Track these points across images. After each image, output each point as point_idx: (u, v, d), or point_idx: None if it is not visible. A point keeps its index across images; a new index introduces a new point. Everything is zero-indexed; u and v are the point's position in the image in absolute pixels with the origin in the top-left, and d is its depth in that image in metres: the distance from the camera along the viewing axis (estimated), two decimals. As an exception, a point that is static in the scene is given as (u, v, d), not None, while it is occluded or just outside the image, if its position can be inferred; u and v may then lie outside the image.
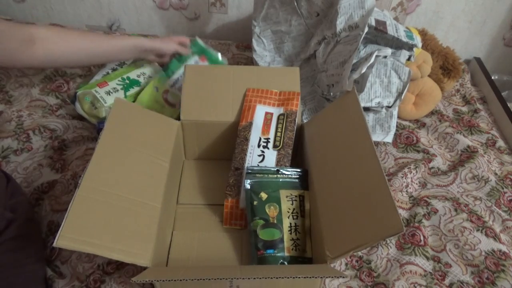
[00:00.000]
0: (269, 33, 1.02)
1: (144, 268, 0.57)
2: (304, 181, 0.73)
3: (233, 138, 0.79)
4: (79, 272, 0.66)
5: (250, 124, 0.78)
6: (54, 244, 0.50)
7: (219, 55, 0.98)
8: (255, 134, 0.77)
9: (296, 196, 0.70)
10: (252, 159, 0.75)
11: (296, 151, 0.79)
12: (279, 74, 0.84)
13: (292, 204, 0.69)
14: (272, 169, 0.72)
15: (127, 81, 0.94)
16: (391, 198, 0.53)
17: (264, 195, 0.69)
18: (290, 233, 0.67)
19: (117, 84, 0.93)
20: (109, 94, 0.90)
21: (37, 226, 0.71)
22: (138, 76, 0.97)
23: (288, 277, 0.53)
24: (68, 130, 0.89)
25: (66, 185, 0.77)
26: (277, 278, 0.52)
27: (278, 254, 0.65)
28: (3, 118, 0.89)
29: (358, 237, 0.54)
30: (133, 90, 0.94)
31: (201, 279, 0.52)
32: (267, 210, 0.68)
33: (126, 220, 0.59)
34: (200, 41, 0.98)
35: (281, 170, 0.72)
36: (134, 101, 0.94)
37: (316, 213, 0.65)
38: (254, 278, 0.52)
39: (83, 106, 0.89)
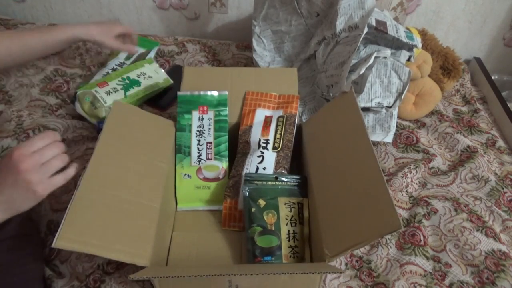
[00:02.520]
0: (269, 33, 1.02)
1: (144, 268, 0.57)
2: (303, 189, 0.72)
3: (232, 139, 0.79)
4: (79, 271, 0.66)
5: (250, 127, 0.78)
6: (53, 245, 0.50)
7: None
8: (255, 136, 0.77)
9: (294, 203, 0.70)
10: (251, 160, 0.74)
11: (295, 151, 0.79)
12: (277, 75, 0.85)
13: (290, 211, 0.69)
14: (271, 176, 0.72)
15: (127, 81, 0.94)
16: (389, 196, 0.53)
17: (262, 202, 0.68)
18: (288, 240, 0.66)
19: (117, 84, 0.92)
20: (109, 94, 0.89)
21: (35, 226, 0.71)
22: (138, 76, 0.96)
23: (285, 273, 0.52)
24: (68, 130, 0.89)
25: (65, 185, 0.77)
26: (274, 274, 0.52)
27: (276, 262, 0.64)
28: (3, 118, 0.89)
29: (356, 235, 0.54)
30: (133, 90, 0.93)
31: (199, 275, 0.52)
32: (265, 217, 0.67)
33: (125, 220, 0.59)
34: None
35: (280, 177, 0.72)
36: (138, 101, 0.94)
37: (315, 211, 0.65)
38: (252, 274, 0.52)
39: (83, 106, 0.89)
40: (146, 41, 1.17)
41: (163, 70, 1.01)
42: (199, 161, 0.77)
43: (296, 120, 0.79)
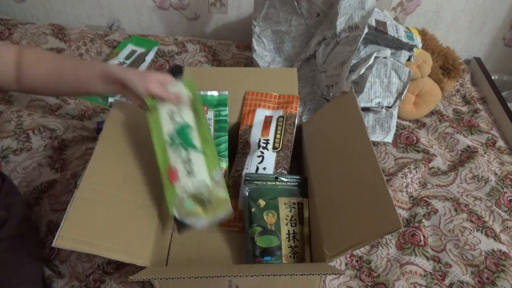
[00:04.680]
0: (269, 33, 1.02)
1: (144, 268, 0.57)
2: (303, 189, 0.72)
3: (232, 139, 0.79)
4: (79, 272, 0.66)
5: (250, 127, 0.78)
6: (53, 244, 0.50)
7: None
8: (255, 136, 0.77)
9: (294, 204, 0.70)
10: (251, 160, 0.74)
11: (295, 151, 0.79)
12: (277, 75, 0.84)
13: (290, 211, 0.69)
14: (271, 176, 0.72)
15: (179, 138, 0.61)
16: (389, 196, 0.53)
17: (262, 202, 0.68)
18: (288, 240, 0.66)
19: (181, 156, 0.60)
20: (190, 174, 0.59)
21: (33, 226, 0.71)
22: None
23: (285, 275, 0.52)
24: (67, 130, 0.89)
25: (65, 185, 0.77)
26: (274, 275, 0.52)
27: (276, 262, 0.64)
28: (3, 118, 0.89)
29: (356, 235, 0.54)
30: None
31: (199, 277, 0.52)
32: (265, 217, 0.67)
33: (125, 220, 0.59)
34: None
35: (280, 177, 0.72)
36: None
37: (315, 212, 0.65)
38: (252, 276, 0.52)
39: (196, 212, 0.60)
40: (146, 41, 1.17)
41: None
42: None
43: (296, 120, 0.79)
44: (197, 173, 0.59)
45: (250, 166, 0.74)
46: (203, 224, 0.60)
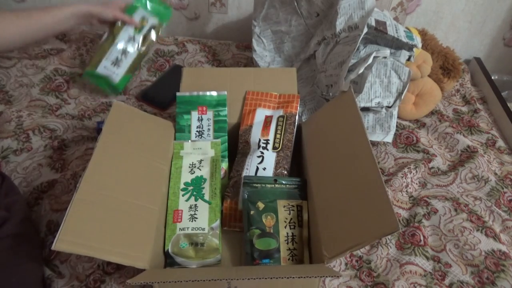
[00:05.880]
0: (269, 33, 1.02)
1: (143, 270, 0.57)
2: (303, 191, 0.72)
3: (231, 140, 0.79)
4: (79, 271, 0.66)
5: (250, 127, 0.78)
6: (53, 248, 0.50)
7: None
8: (255, 136, 0.77)
9: (293, 206, 0.69)
10: (251, 160, 0.74)
11: (295, 151, 0.79)
12: (276, 75, 0.85)
13: (289, 214, 0.69)
14: (270, 179, 0.72)
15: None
16: (387, 197, 0.53)
17: (261, 205, 0.68)
18: (287, 243, 0.66)
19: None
20: (192, 219, 0.68)
21: (33, 226, 0.71)
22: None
23: (283, 278, 0.52)
24: (68, 130, 0.89)
25: (66, 185, 0.77)
26: (271, 278, 0.52)
27: (274, 264, 0.64)
28: (3, 119, 0.89)
29: (354, 237, 0.54)
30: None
31: (196, 280, 0.52)
32: (263, 220, 0.67)
33: (124, 223, 0.59)
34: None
35: (279, 180, 0.71)
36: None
37: (314, 213, 0.65)
38: (249, 279, 0.52)
39: (186, 254, 0.65)
40: (159, 4, 1.01)
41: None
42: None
43: (297, 119, 0.79)
44: (199, 219, 0.67)
45: (250, 166, 0.74)
46: (190, 266, 0.65)
